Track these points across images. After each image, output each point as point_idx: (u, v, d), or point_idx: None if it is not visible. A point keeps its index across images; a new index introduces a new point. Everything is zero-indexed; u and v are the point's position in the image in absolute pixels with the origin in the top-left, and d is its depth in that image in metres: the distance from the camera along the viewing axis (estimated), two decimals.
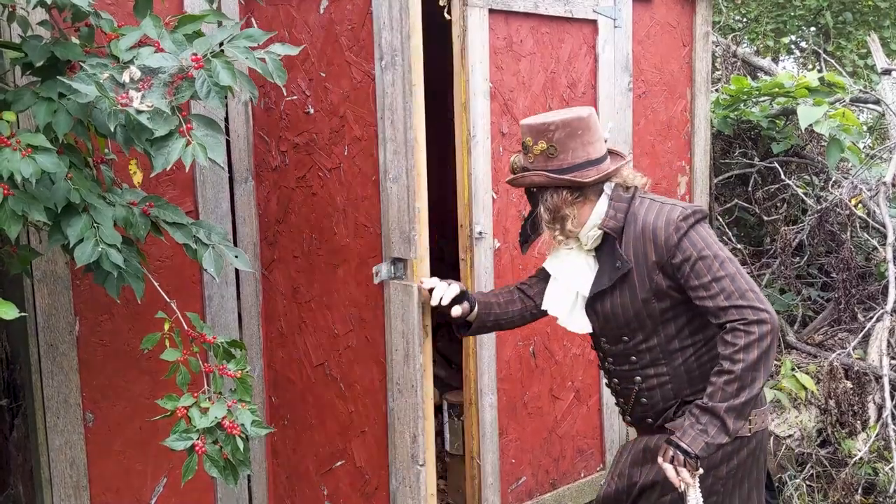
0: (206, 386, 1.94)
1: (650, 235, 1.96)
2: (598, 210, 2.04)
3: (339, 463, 2.62)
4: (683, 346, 2.03)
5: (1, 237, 1.89)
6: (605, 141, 2.12)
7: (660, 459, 1.94)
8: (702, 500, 1.97)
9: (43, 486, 2.59)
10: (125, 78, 1.64)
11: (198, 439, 1.77)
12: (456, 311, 2.19)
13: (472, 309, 2.23)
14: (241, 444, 1.81)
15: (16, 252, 1.96)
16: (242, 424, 1.81)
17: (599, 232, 2.04)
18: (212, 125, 1.73)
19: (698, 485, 1.94)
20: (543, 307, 2.24)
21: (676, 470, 1.89)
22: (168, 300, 1.96)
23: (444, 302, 2.17)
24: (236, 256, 1.90)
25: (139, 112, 1.60)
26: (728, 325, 1.86)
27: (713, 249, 1.91)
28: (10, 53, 1.89)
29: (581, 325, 2.15)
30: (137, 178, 1.99)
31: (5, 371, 2.89)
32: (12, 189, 1.63)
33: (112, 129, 1.65)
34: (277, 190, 2.67)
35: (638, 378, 2.09)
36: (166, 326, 1.94)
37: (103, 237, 1.72)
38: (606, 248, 2.05)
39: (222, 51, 1.68)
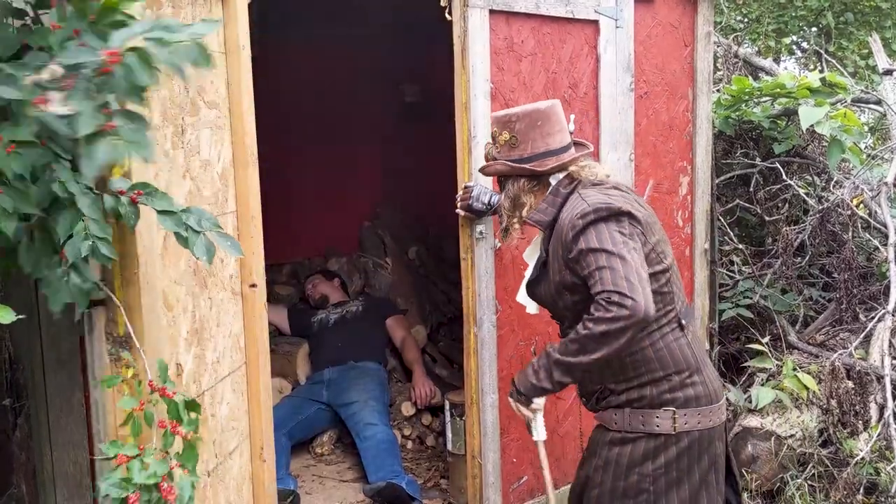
0: (154, 441, 1.82)
1: (560, 231, 2.06)
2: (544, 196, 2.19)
3: None
4: None
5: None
6: (571, 133, 2.26)
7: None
8: (543, 431, 2.25)
9: (46, 485, 2.59)
10: (44, 76, 1.51)
11: (133, 493, 1.66)
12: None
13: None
14: None
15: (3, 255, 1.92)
16: (179, 494, 1.71)
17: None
18: (136, 119, 1.60)
19: (540, 417, 2.21)
20: (518, 299, 2.41)
21: (515, 404, 2.16)
22: (137, 345, 1.86)
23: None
24: (229, 243, 1.86)
25: (59, 117, 1.49)
26: (597, 298, 1.93)
27: (604, 245, 1.95)
28: None
29: (534, 306, 2.32)
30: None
31: (8, 370, 2.89)
32: (1, 186, 1.57)
33: (30, 137, 1.55)
34: None
35: None
36: (129, 373, 1.84)
37: (92, 231, 1.65)
38: None
39: (138, 46, 1.53)
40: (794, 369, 3.61)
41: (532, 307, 2.34)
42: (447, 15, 2.81)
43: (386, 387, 4.17)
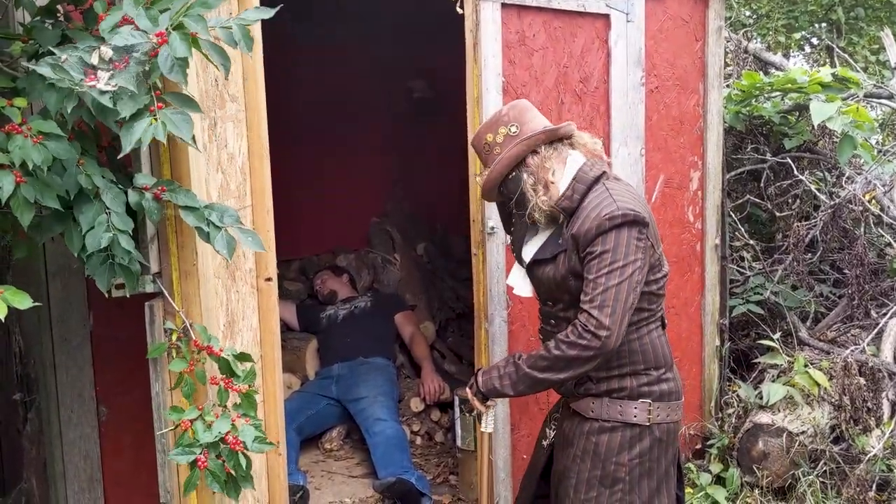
0: (211, 397, 1.91)
1: (583, 223, 2.07)
2: (566, 179, 2.15)
3: None
4: None
5: (13, 225, 1.89)
6: None
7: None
8: (492, 424, 2.45)
9: (56, 479, 2.60)
10: (93, 59, 1.60)
11: (201, 454, 1.74)
12: None
13: None
14: (243, 461, 1.79)
15: (24, 237, 1.95)
16: (244, 441, 1.79)
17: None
18: (187, 102, 1.70)
19: (492, 413, 2.41)
20: (507, 282, 2.46)
21: (472, 396, 2.29)
22: (177, 309, 1.93)
23: None
24: (250, 238, 1.89)
25: (102, 92, 1.57)
26: (576, 321, 2.03)
27: (616, 255, 2.00)
28: (15, 46, 1.88)
29: (527, 289, 2.34)
30: None
31: (18, 365, 2.90)
32: (25, 176, 1.62)
33: (69, 111, 1.63)
34: None
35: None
36: (174, 337, 1.91)
37: (115, 223, 1.71)
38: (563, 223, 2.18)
39: (181, 23, 1.63)
40: (806, 366, 3.59)
41: (525, 290, 2.36)
42: (458, 8, 2.80)
43: (395, 382, 4.17)
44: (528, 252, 2.25)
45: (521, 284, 2.36)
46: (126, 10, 1.66)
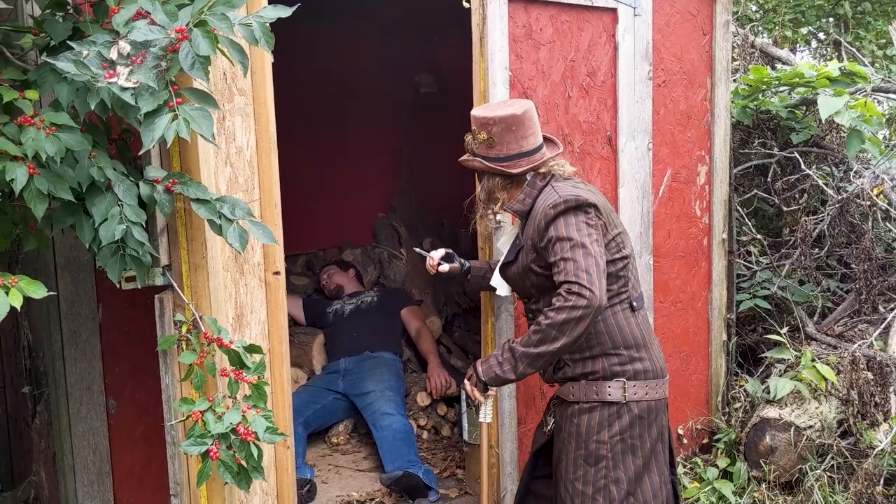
0: (221, 389, 1.93)
1: (534, 219, 2.27)
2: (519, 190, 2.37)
3: None
4: None
5: (24, 217, 1.90)
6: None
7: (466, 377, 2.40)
8: (490, 415, 2.53)
9: (66, 472, 2.61)
10: (112, 54, 1.62)
11: (212, 444, 1.76)
12: (444, 267, 2.74)
13: (462, 268, 2.75)
14: (254, 451, 1.81)
15: (34, 230, 1.97)
16: (256, 432, 1.82)
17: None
18: (205, 98, 1.71)
19: (490, 403, 2.49)
20: (491, 282, 2.58)
21: (472, 388, 2.35)
22: (187, 301, 1.95)
23: (436, 258, 2.75)
24: (261, 231, 1.90)
25: (123, 89, 1.59)
26: (558, 292, 2.13)
27: (569, 234, 2.16)
28: (26, 39, 1.89)
29: (506, 289, 2.52)
30: None
31: (27, 358, 2.91)
32: (38, 168, 1.63)
33: (92, 107, 1.65)
34: None
35: None
36: (183, 329, 1.93)
37: (127, 215, 1.72)
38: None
39: (204, 20, 1.63)
40: (813, 360, 3.58)
41: (503, 289, 2.52)
42: (465, 3, 2.80)
43: (401, 377, 4.18)
44: (503, 251, 2.46)
45: (501, 284, 2.51)
46: (141, 4, 1.67)
